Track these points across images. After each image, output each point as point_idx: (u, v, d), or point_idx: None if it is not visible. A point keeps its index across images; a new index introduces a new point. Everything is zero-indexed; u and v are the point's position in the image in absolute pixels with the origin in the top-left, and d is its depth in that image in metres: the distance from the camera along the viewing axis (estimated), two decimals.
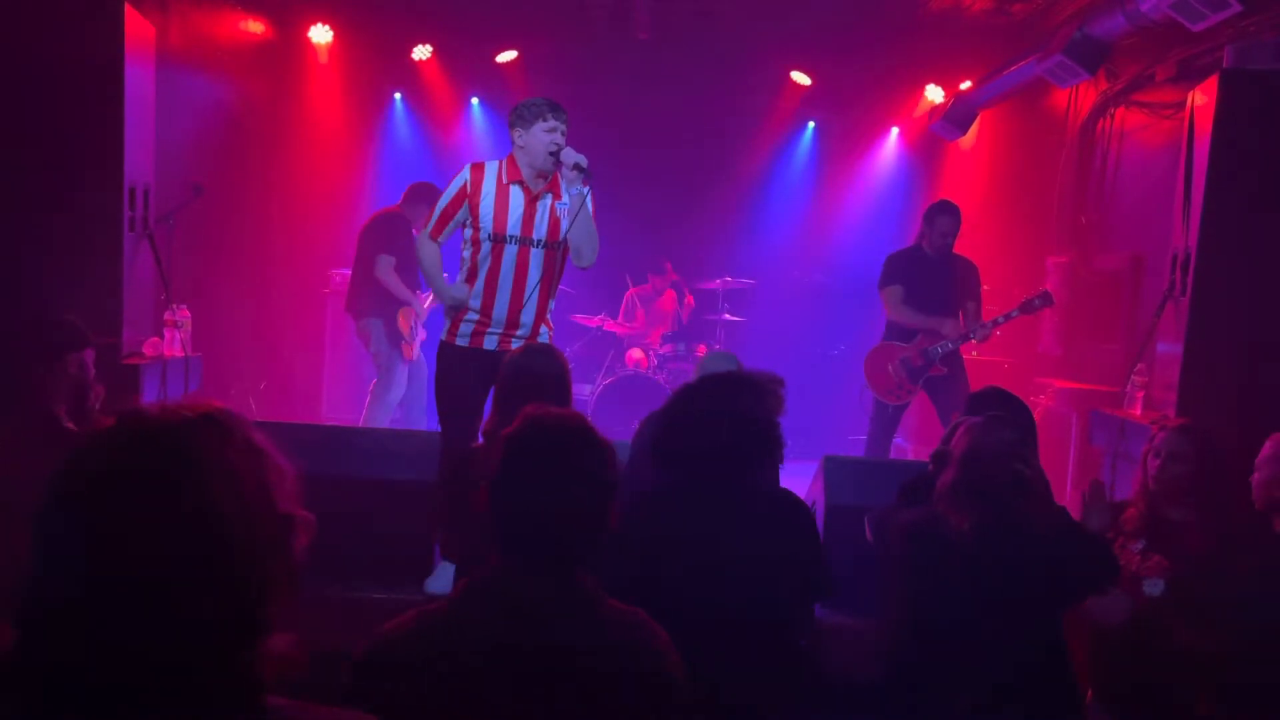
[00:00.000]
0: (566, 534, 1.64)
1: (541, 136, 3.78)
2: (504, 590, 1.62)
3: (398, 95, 7.95)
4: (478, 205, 3.86)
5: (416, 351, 6.08)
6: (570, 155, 3.74)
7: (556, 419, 1.73)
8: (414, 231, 5.94)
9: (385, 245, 5.88)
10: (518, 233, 3.85)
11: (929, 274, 5.44)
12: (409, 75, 7.76)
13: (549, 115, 3.78)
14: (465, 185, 3.87)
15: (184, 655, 1.03)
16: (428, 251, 4.01)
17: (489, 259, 3.87)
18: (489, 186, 3.86)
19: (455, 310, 3.91)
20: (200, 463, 1.07)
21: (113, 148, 4.31)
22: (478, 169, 3.91)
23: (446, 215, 3.93)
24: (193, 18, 6.47)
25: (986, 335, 5.43)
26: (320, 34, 7.33)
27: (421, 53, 7.53)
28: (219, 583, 1.05)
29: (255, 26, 7.23)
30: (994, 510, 2.42)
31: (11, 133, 4.20)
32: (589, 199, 3.82)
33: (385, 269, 5.84)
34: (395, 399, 6.08)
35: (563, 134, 3.81)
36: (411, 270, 5.91)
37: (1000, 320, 5.37)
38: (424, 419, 6.15)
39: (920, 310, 5.41)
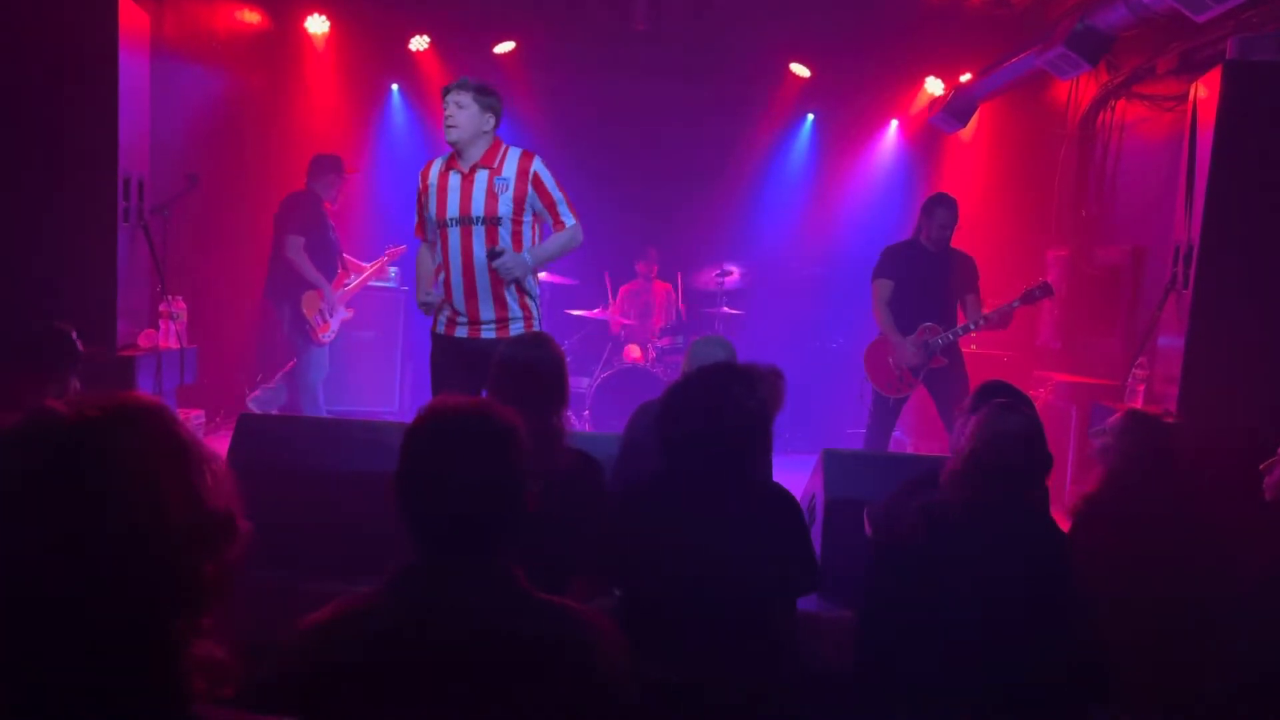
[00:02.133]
0: (472, 528, 1.62)
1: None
2: (428, 581, 1.60)
3: (395, 86, 7.90)
4: (427, 199, 3.96)
5: (331, 334, 6.00)
6: (483, 255, 3.84)
7: (454, 407, 1.71)
8: (325, 206, 5.97)
9: (293, 226, 5.83)
10: (456, 214, 3.90)
11: (924, 268, 5.41)
12: (406, 66, 7.72)
13: (444, 97, 3.84)
14: (419, 184, 4.01)
15: (102, 666, 0.99)
16: (420, 256, 4.14)
17: (440, 244, 3.96)
18: (433, 179, 3.96)
19: (428, 310, 4.03)
20: (109, 465, 1.01)
21: (107, 138, 4.28)
22: (426, 166, 4.03)
23: (419, 213, 4.06)
24: (188, 7, 6.43)
25: (994, 323, 5.33)
26: (317, 24, 7.28)
27: (419, 43, 7.49)
28: (132, 590, 0.99)
29: (251, 16, 7.18)
30: (1006, 495, 2.42)
31: (5, 123, 4.17)
32: (544, 173, 3.88)
33: (294, 249, 5.79)
34: (313, 380, 6.01)
35: (456, 103, 3.80)
36: (321, 250, 5.90)
37: (1003, 310, 5.33)
38: (311, 406, 6.11)
39: (913, 307, 5.37)
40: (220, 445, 4.23)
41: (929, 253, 5.42)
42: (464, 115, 3.80)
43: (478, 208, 3.86)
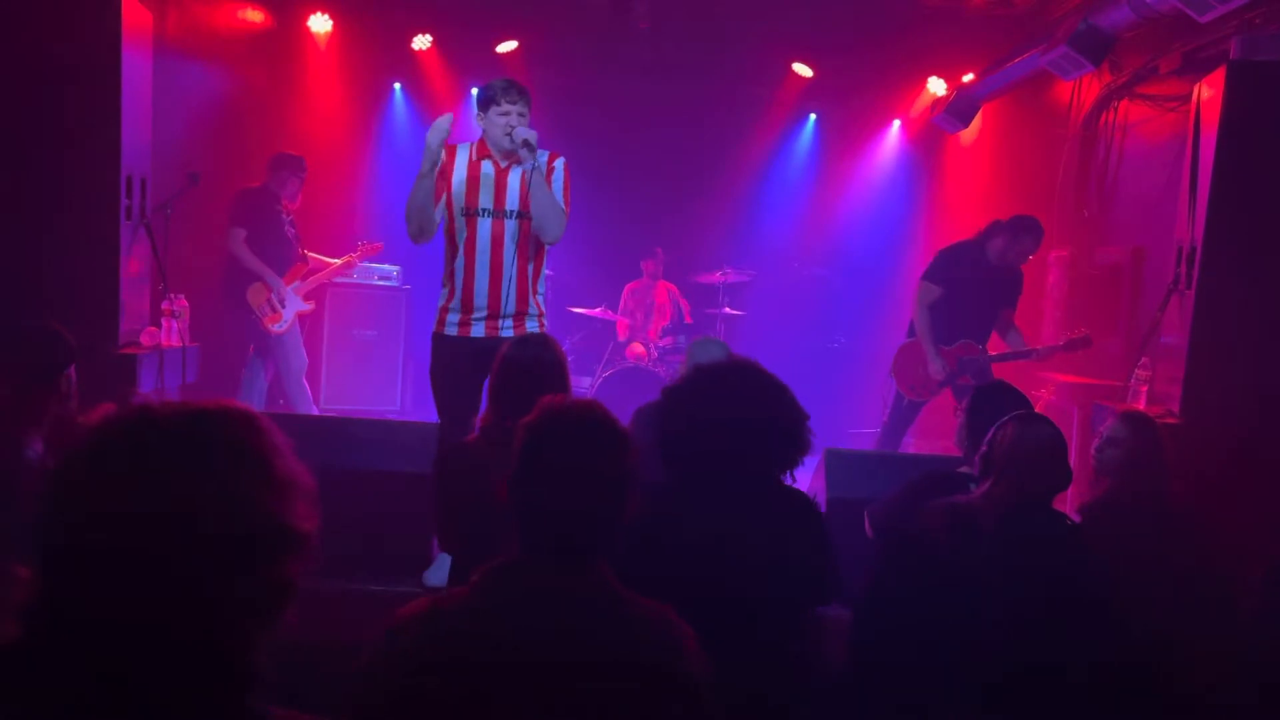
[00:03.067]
0: (587, 525, 1.62)
1: (496, 120, 3.83)
2: (524, 581, 1.59)
3: (397, 85, 7.90)
4: (450, 184, 3.91)
5: (284, 323, 5.98)
6: (521, 132, 3.77)
7: (575, 408, 1.71)
8: (283, 203, 5.98)
9: (235, 217, 5.88)
10: (490, 205, 3.88)
11: (982, 282, 5.20)
12: (409, 65, 7.72)
13: (501, 99, 3.81)
14: (442, 155, 3.91)
15: (174, 668, 1.00)
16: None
17: (465, 234, 3.90)
18: (460, 164, 3.93)
19: (433, 156, 3.80)
20: (200, 468, 1.04)
21: (110, 136, 4.28)
22: (449, 150, 3.96)
23: (432, 170, 3.88)
24: (191, 6, 6.43)
25: (1033, 359, 5.31)
26: (319, 23, 7.28)
27: (421, 42, 7.49)
28: (210, 594, 1.01)
29: (254, 15, 7.19)
30: (1037, 501, 2.42)
31: (8, 121, 4.17)
32: (560, 170, 3.90)
33: (235, 241, 5.83)
34: (253, 379, 6.03)
35: (520, 114, 3.82)
36: (272, 244, 5.92)
37: (1043, 352, 5.27)
38: (300, 399, 6.14)
39: (960, 318, 5.21)
40: None
41: (991, 267, 5.22)
42: (524, 123, 3.83)
43: (513, 201, 3.87)
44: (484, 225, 3.87)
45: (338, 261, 6.39)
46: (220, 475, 1.05)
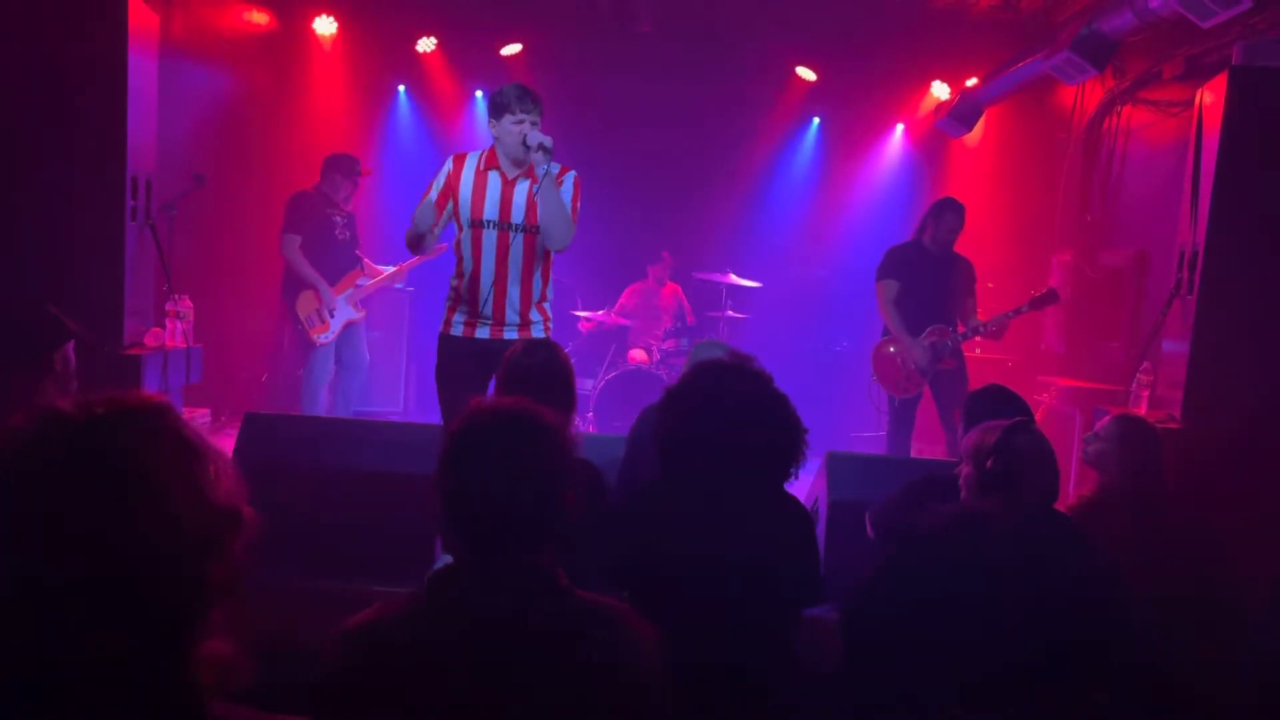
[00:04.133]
0: (518, 525, 1.62)
1: (510, 128, 3.79)
2: (468, 583, 1.61)
3: (401, 87, 7.92)
4: (457, 194, 3.90)
5: (330, 334, 5.94)
6: (535, 136, 3.74)
7: (498, 409, 1.73)
8: (337, 204, 5.95)
9: (290, 223, 5.83)
10: (495, 217, 3.87)
11: (929, 270, 5.43)
12: (413, 67, 7.74)
13: (516, 108, 3.78)
14: (449, 172, 3.92)
15: (114, 664, 0.99)
16: (421, 210, 3.91)
17: (470, 244, 3.90)
18: (467, 174, 3.90)
19: (421, 231, 3.82)
20: (119, 464, 1.02)
21: (115, 137, 4.29)
22: (459, 159, 3.95)
23: (441, 200, 3.92)
24: (196, 7, 6.45)
25: (999, 330, 5.40)
26: (324, 25, 7.31)
27: (425, 45, 7.52)
28: (144, 587, 1.00)
29: (259, 17, 7.21)
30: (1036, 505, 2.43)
31: (15, 121, 4.19)
32: (570, 181, 3.88)
33: (288, 248, 5.79)
34: (314, 385, 5.97)
35: (533, 123, 3.79)
36: (325, 250, 5.87)
37: (1010, 315, 5.37)
38: (349, 406, 6.11)
39: (916, 309, 5.39)
40: (226, 444, 4.24)
41: (932, 255, 5.45)
42: (536, 129, 3.80)
43: (518, 215, 3.86)
44: (489, 237, 3.86)
45: (391, 269, 6.30)
46: (147, 466, 1.03)
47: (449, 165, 3.93)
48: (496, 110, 3.83)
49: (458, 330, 3.96)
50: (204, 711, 1.05)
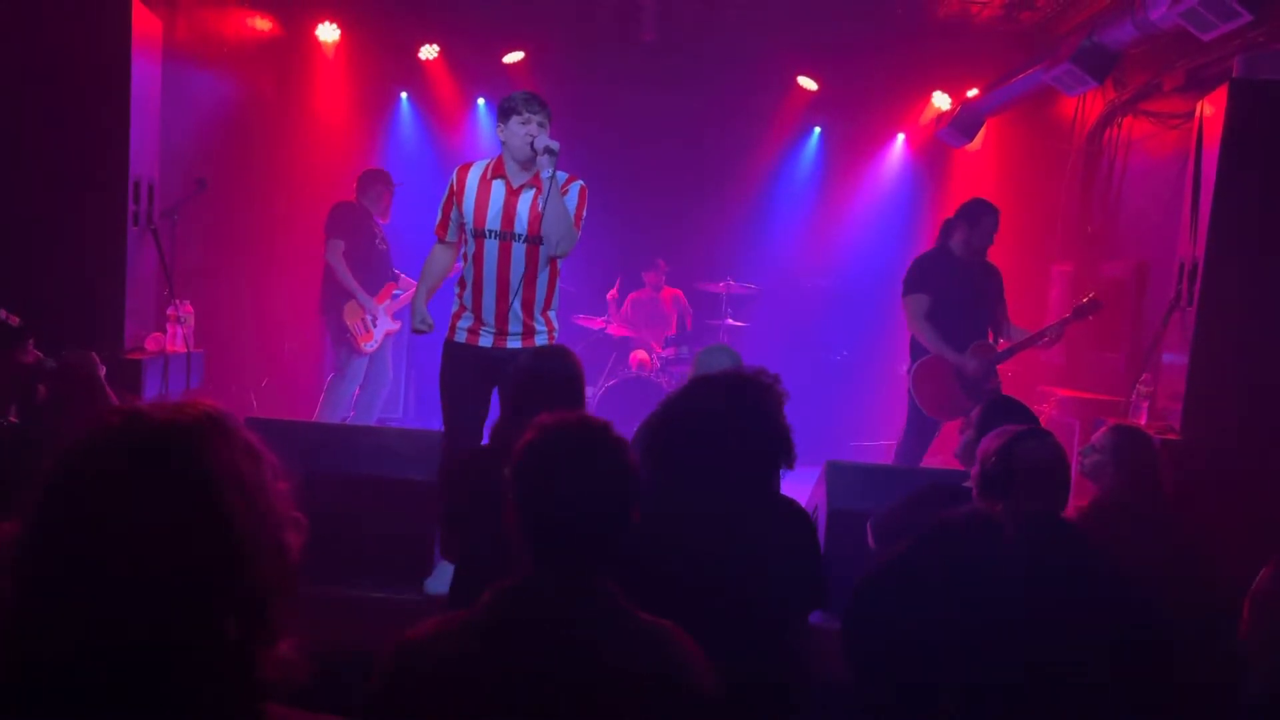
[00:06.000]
0: (597, 544, 1.62)
1: (517, 130, 3.81)
2: (533, 601, 1.59)
3: (404, 94, 7.94)
4: (462, 203, 3.92)
5: (375, 343, 5.99)
6: (542, 140, 3.76)
7: (573, 423, 1.71)
8: (374, 219, 6.01)
9: (333, 229, 5.88)
10: (497, 227, 3.88)
11: (962, 281, 4.97)
12: (415, 74, 7.76)
13: (523, 109, 3.80)
14: (452, 184, 3.96)
15: (188, 659, 1.01)
16: (434, 255, 4.11)
17: (473, 255, 3.92)
18: (472, 183, 3.93)
19: (419, 326, 4.02)
20: (205, 464, 1.05)
21: (118, 142, 4.31)
22: (464, 168, 3.99)
23: (445, 212, 4.02)
24: (200, 13, 6.46)
25: (1054, 340, 4.97)
26: (327, 31, 7.33)
27: (428, 52, 7.53)
28: (224, 586, 1.03)
29: (262, 23, 7.23)
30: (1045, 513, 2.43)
31: (18, 126, 4.20)
32: (576, 190, 3.89)
33: (333, 253, 5.83)
34: (346, 392, 6.02)
35: (540, 125, 3.81)
36: (366, 260, 5.93)
37: (1061, 325, 4.94)
38: (373, 414, 6.15)
39: (952, 325, 4.92)
40: None
41: (964, 263, 5.00)
42: (543, 133, 3.82)
43: (521, 225, 3.87)
44: (491, 246, 3.88)
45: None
46: (224, 470, 1.06)
47: (454, 174, 3.97)
48: (504, 114, 3.85)
49: (461, 337, 3.97)
50: (263, 712, 1.07)
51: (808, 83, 7.83)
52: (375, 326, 5.98)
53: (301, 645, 1.12)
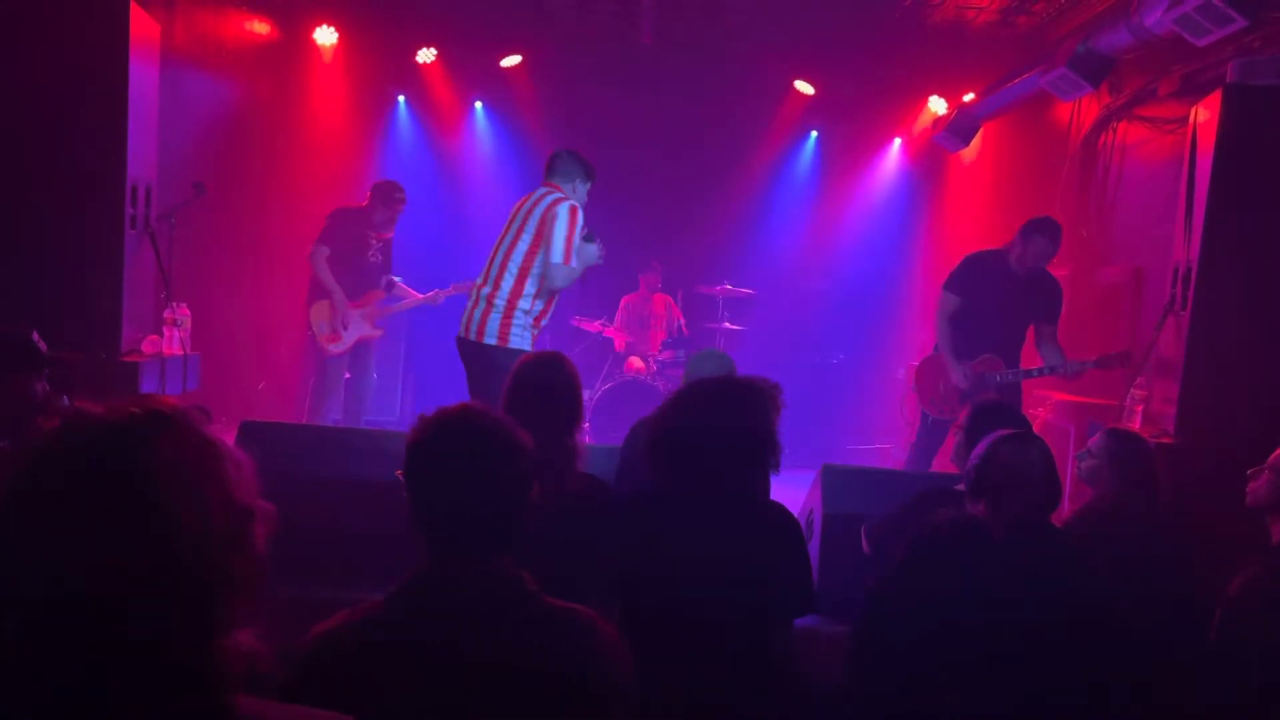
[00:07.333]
0: (487, 524, 1.65)
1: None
2: (432, 588, 1.63)
3: (401, 98, 7.95)
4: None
5: (342, 345, 5.99)
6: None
7: (453, 412, 1.75)
8: (373, 224, 6.01)
9: (322, 235, 5.95)
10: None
11: (1004, 291, 5.00)
12: (413, 78, 7.77)
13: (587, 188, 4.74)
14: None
15: (145, 655, 1.01)
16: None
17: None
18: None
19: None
20: (151, 462, 1.04)
21: (115, 145, 4.30)
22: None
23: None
24: (198, 17, 6.48)
25: (1077, 374, 5.03)
26: (325, 35, 7.34)
27: (426, 55, 7.55)
28: (177, 582, 1.03)
29: (260, 27, 7.24)
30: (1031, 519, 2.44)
31: (15, 129, 4.20)
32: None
33: (315, 257, 5.90)
34: (329, 392, 6.05)
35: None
36: (352, 267, 5.96)
37: (1085, 365, 4.98)
38: (359, 420, 6.15)
39: (972, 332, 5.00)
40: None
41: (1014, 275, 5.01)
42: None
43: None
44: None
45: (422, 296, 6.36)
46: (176, 466, 1.06)
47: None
48: (586, 176, 4.71)
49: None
50: (230, 704, 1.07)
51: (805, 87, 7.85)
52: (346, 330, 5.98)
53: (265, 637, 1.12)
